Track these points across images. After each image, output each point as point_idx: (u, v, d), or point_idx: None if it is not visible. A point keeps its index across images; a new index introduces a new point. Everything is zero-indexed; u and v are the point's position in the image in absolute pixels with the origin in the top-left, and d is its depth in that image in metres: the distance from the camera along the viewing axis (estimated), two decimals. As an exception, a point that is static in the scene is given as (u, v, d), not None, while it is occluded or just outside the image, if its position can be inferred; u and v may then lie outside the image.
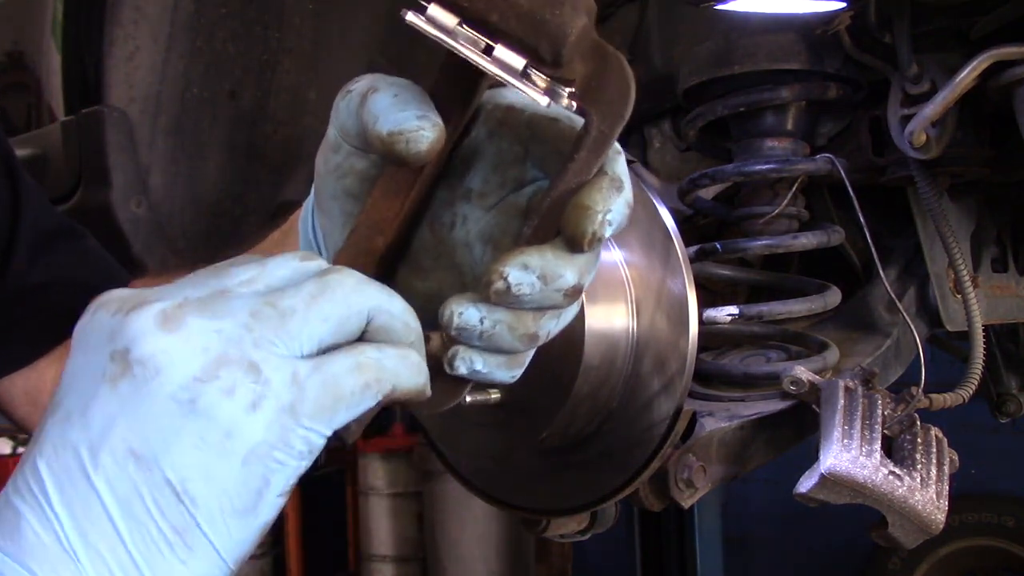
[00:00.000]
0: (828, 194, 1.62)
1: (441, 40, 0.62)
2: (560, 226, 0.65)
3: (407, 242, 0.73)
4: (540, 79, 0.63)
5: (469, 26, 0.62)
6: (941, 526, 1.15)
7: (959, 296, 1.48)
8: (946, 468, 1.19)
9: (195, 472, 0.55)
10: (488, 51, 0.62)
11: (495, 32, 0.62)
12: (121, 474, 0.55)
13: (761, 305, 1.44)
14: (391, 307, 0.61)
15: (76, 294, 1.07)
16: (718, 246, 1.47)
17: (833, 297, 1.46)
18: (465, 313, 0.65)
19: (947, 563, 4.09)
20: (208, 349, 0.55)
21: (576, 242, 0.64)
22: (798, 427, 1.33)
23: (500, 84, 0.64)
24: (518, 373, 0.70)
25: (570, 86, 0.63)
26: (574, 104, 0.63)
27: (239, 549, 0.57)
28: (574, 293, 0.67)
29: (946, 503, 1.16)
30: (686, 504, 1.21)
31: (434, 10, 0.62)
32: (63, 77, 1.67)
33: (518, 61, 0.62)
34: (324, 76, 1.72)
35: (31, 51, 1.75)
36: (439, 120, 0.65)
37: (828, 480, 1.12)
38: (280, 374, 0.56)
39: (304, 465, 0.58)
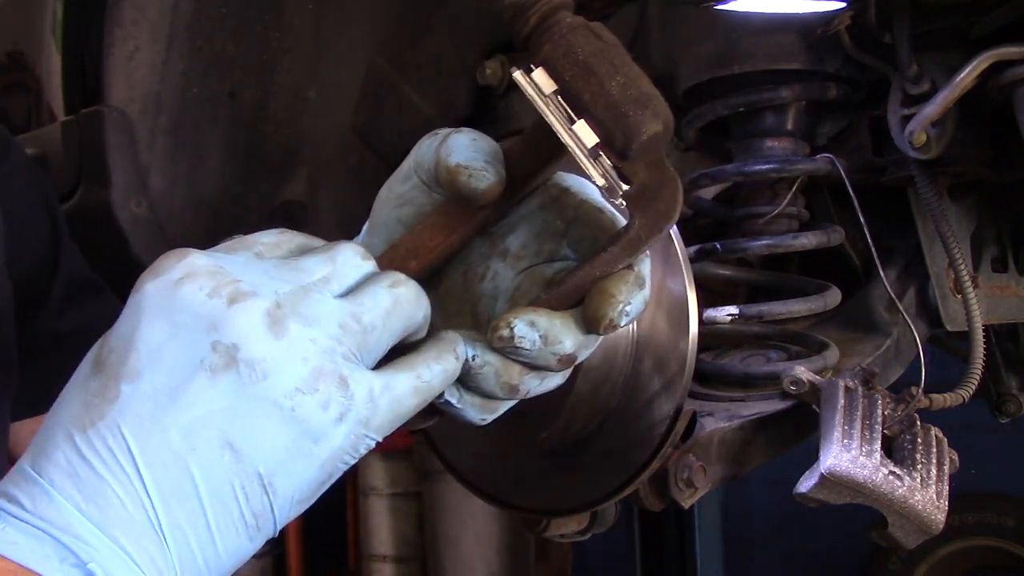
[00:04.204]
0: (828, 194, 1.61)
1: (535, 102, 0.69)
2: (583, 306, 0.70)
3: (439, 282, 0.77)
4: (605, 165, 0.68)
5: (563, 98, 0.68)
6: (941, 526, 1.14)
7: (959, 296, 1.48)
8: (946, 468, 1.19)
9: (282, 469, 0.63)
10: (570, 124, 0.68)
11: (582, 110, 0.67)
12: (216, 462, 0.61)
13: (761, 305, 1.43)
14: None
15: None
16: (718, 246, 1.47)
17: (833, 297, 1.46)
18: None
19: (947, 563, 4.09)
20: (307, 360, 0.62)
21: (593, 323, 0.69)
22: (798, 427, 1.33)
23: (569, 170, 0.72)
24: (488, 419, 0.74)
25: (628, 186, 0.68)
26: (624, 203, 0.69)
27: (284, 525, 0.66)
28: (567, 361, 0.71)
29: (946, 503, 1.16)
30: (686, 504, 1.21)
31: (539, 75, 0.69)
32: (63, 77, 1.66)
33: (591, 138, 0.67)
34: (324, 76, 1.72)
35: (31, 51, 1.75)
36: (503, 172, 0.71)
37: (828, 480, 1.11)
38: (361, 389, 0.64)
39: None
